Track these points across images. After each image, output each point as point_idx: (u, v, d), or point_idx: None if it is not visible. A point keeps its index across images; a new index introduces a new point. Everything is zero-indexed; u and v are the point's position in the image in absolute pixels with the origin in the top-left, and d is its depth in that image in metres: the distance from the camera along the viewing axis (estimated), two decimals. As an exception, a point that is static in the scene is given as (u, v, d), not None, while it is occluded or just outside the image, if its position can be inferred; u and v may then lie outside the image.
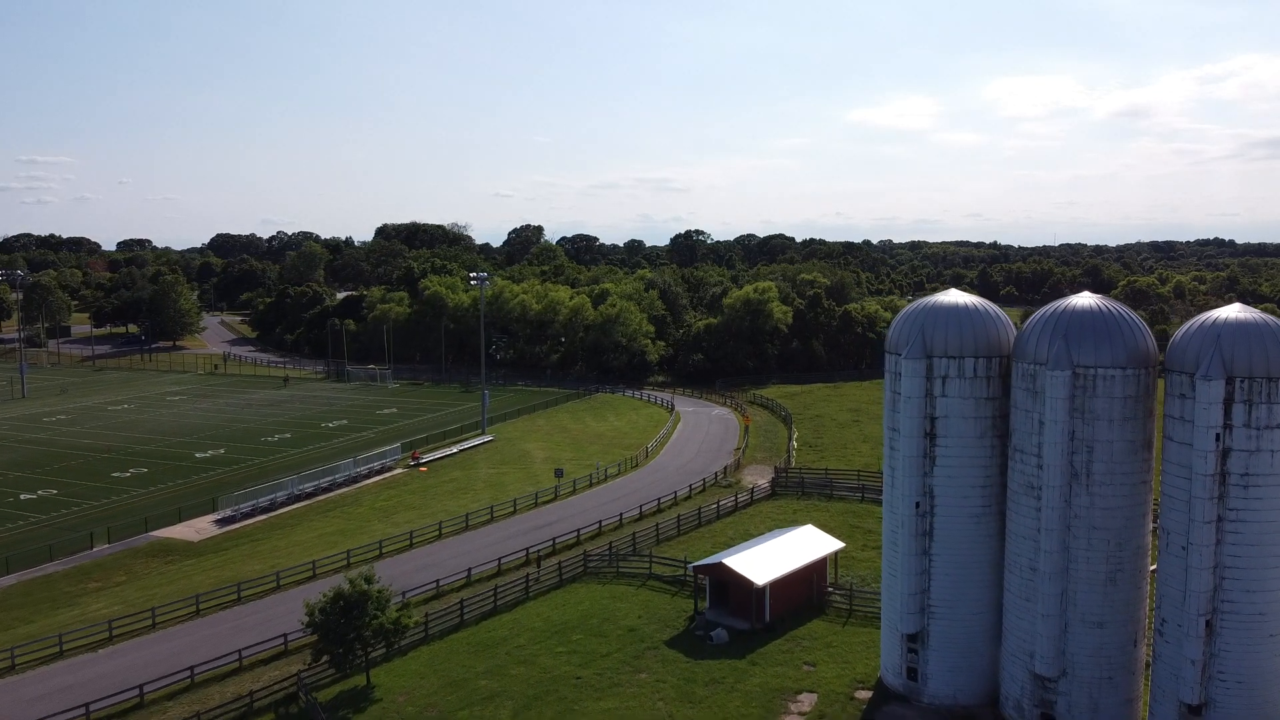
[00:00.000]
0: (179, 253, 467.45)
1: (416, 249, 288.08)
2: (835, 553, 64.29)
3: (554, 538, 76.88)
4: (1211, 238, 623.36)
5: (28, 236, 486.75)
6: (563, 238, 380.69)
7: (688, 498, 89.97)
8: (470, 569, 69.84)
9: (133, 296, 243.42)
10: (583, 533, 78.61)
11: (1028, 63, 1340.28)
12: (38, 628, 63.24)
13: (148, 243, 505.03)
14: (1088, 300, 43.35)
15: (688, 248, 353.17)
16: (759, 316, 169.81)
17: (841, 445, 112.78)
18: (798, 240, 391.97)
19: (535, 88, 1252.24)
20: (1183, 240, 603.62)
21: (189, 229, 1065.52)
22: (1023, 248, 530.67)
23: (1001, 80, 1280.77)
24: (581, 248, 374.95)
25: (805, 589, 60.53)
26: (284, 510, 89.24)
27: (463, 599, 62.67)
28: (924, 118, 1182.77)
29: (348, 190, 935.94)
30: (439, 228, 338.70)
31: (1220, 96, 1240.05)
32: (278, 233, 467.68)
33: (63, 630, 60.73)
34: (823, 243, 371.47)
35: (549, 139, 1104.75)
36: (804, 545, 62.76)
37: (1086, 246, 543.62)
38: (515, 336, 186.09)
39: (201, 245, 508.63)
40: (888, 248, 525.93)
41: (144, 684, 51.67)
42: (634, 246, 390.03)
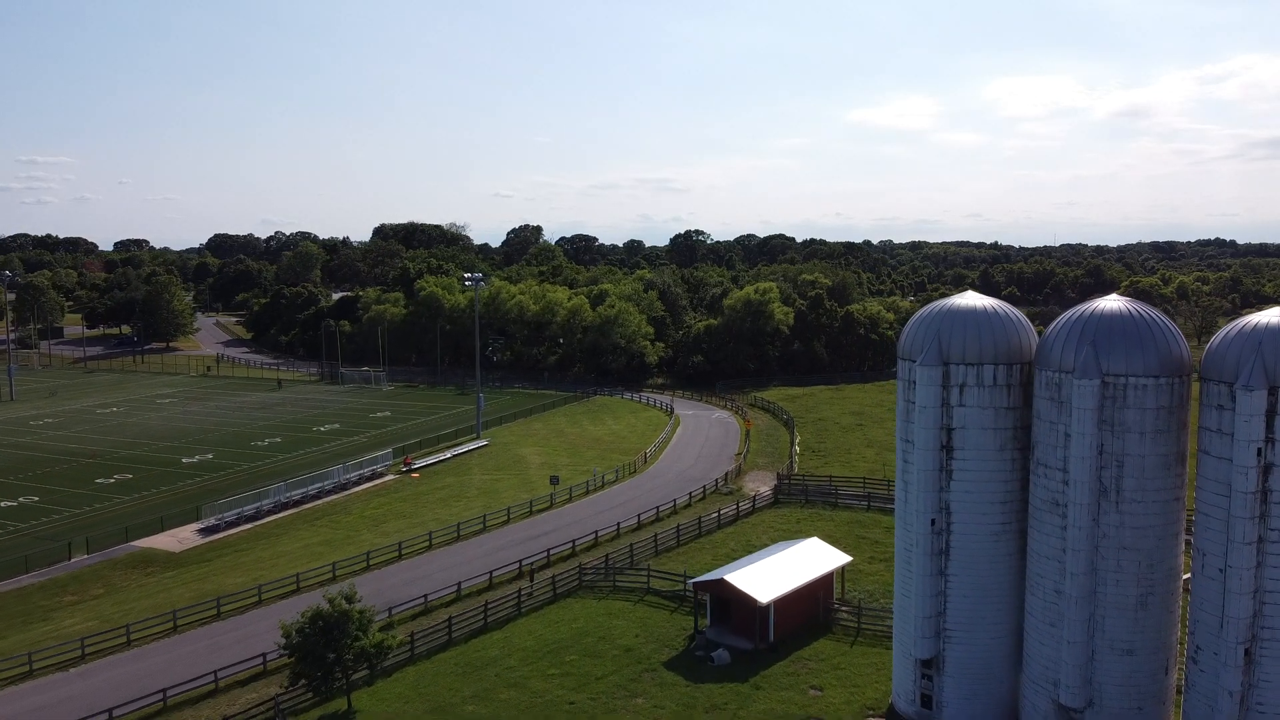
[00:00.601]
0: (177, 253, 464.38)
1: (414, 249, 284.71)
2: (842, 567, 61.41)
3: (548, 549, 73.98)
4: (1212, 238, 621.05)
5: (24, 237, 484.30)
6: (562, 238, 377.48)
7: (687, 506, 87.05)
8: (460, 583, 66.88)
9: (126, 297, 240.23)
10: (578, 544, 75.73)
11: (1028, 63, 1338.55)
12: (9, 644, 60.35)
13: (145, 243, 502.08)
14: (1116, 304, 40.44)
15: (687, 248, 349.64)
16: (760, 317, 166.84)
17: (845, 450, 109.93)
18: (798, 240, 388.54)
19: (535, 88, 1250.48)
20: (1183, 240, 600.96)
21: (189, 229, 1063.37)
22: (1023, 248, 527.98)
23: (1001, 80, 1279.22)
24: (581, 248, 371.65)
25: (811, 606, 57.60)
26: (270, 519, 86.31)
27: (451, 616, 59.80)
28: (924, 118, 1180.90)
29: (347, 191, 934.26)
30: (436, 228, 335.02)
31: (1220, 96, 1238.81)
32: (276, 233, 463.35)
33: (34, 648, 57.97)
34: (823, 243, 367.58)
35: (549, 139, 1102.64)
36: (809, 559, 59.81)
37: (1087, 247, 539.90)
38: (512, 338, 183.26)
39: (199, 246, 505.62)
40: (888, 248, 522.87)
41: (113, 707, 48.70)
42: (633, 247, 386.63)
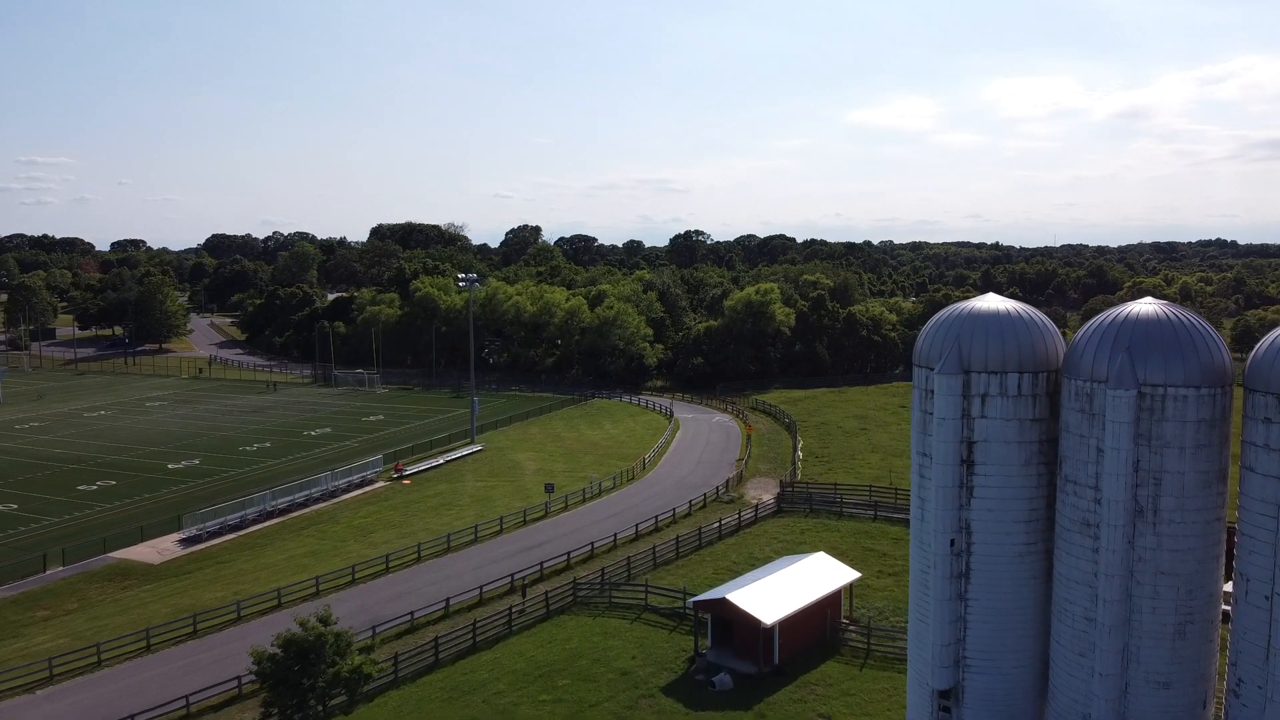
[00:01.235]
0: (174, 254, 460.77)
1: (411, 249, 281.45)
2: (850, 584, 58.38)
3: (542, 561, 70.87)
4: (1213, 238, 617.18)
5: (21, 237, 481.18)
6: (561, 238, 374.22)
7: (687, 515, 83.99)
8: (449, 599, 63.76)
9: (119, 298, 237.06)
10: (573, 556, 72.65)
11: (1028, 63, 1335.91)
12: (-25, 663, 57.41)
13: (142, 243, 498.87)
14: (1151, 307, 37.29)
15: (687, 248, 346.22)
16: (760, 319, 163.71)
17: (849, 455, 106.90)
18: (798, 241, 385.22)
19: (535, 88, 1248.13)
20: (1184, 241, 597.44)
21: (188, 230, 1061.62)
22: (1024, 248, 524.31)
23: (1001, 81, 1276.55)
24: (580, 248, 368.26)
25: (818, 626, 54.55)
26: (255, 529, 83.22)
27: (438, 635, 56.78)
28: (924, 118, 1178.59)
29: (347, 191, 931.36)
30: (434, 228, 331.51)
31: (1220, 97, 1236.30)
32: (273, 233, 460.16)
33: (1, 667, 54.96)
34: (824, 243, 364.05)
35: (549, 139, 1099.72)
36: (816, 576, 56.73)
37: (1088, 247, 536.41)
38: (509, 339, 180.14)
39: (197, 246, 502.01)
40: (889, 248, 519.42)
41: (76, 737, 45.90)
42: (633, 247, 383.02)
